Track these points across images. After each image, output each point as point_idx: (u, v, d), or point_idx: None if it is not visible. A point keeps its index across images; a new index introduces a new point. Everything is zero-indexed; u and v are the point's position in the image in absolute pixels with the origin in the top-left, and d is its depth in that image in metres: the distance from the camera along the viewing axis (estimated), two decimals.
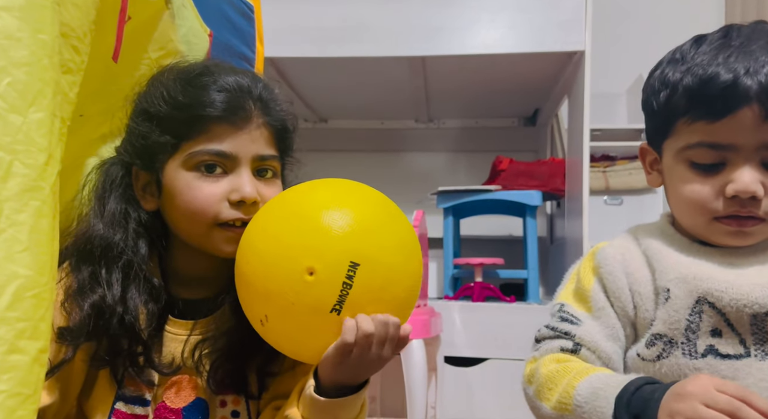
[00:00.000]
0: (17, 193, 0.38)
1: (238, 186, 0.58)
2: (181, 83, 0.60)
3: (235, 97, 0.59)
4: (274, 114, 0.62)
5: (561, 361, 0.58)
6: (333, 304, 0.52)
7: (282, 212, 0.56)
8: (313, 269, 0.51)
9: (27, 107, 0.39)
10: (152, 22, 0.65)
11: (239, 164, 0.59)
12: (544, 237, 1.99)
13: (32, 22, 0.40)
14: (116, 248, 0.58)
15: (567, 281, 0.66)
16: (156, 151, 0.59)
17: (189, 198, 0.58)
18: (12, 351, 0.36)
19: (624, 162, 2.01)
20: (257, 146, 0.60)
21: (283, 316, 0.53)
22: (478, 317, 1.47)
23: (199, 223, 0.58)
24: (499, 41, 1.52)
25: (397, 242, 0.56)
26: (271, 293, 0.53)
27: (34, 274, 0.38)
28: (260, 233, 0.56)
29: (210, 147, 0.58)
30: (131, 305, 0.57)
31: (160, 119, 0.59)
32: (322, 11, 1.55)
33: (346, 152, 2.22)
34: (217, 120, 0.58)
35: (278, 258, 0.53)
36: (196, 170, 0.58)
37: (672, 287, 0.57)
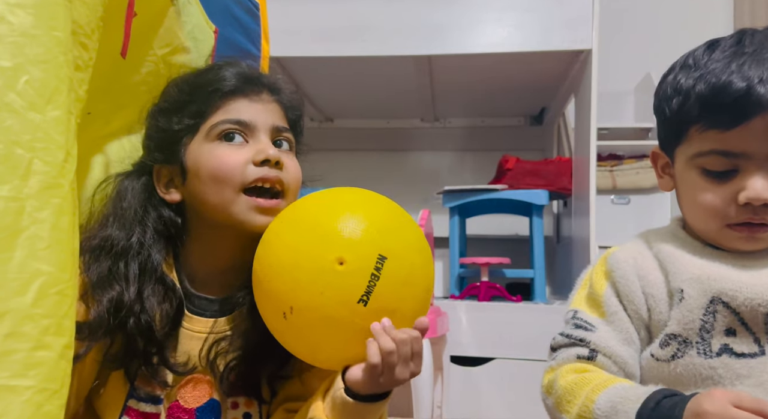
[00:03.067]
0: (38, 191, 0.38)
1: (260, 149, 0.60)
2: (193, 73, 0.65)
3: (247, 75, 0.63)
4: (282, 94, 0.66)
5: (579, 371, 0.58)
6: (361, 294, 0.53)
7: (307, 211, 0.58)
8: (344, 259, 0.53)
9: (45, 104, 0.39)
10: (158, 18, 0.65)
11: (258, 132, 0.61)
12: (550, 237, 1.98)
13: (47, 19, 0.40)
14: (133, 247, 0.59)
15: (579, 287, 0.66)
16: (177, 138, 0.61)
17: (215, 163, 0.59)
18: (38, 348, 0.37)
19: (631, 161, 2.00)
20: (273, 117, 0.63)
21: (311, 306, 0.53)
22: (484, 316, 1.47)
23: (227, 188, 0.59)
24: (505, 40, 1.52)
25: (417, 243, 0.58)
26: (300, 283, 0.54)
27: (56, 271, 0.38)
28: (288, 225, 0.57)
29: (229, 117, 0.61)
30: (148, 305, 0.57)
31: (177, 107, 0.62)
32: (328, 10, 1.55)
33: (352, 151, 2.22)
34: (231, 94, 0.61)
35: (309, 248, 0.54)
36: (219, 140, 0.60)
37: (686, 288, 0.57)
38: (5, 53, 0.38)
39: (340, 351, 0.55)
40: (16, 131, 0.38)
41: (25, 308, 0.37)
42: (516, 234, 2.01)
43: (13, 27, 0.38)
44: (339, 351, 0.55)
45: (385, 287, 0.54)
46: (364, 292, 0.53)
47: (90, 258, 0.58)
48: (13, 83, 0.38)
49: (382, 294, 0.54)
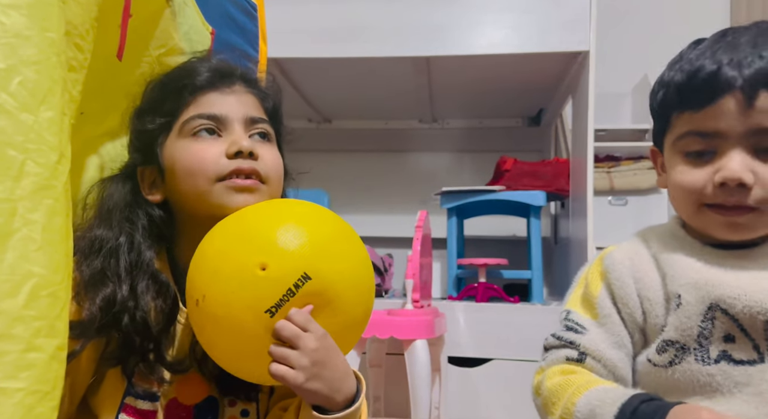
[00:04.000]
0: (30, 192, 0.38)
1: (233, 140, 0.60)
2: (166, 73, 0.65)
3: (219, 69, 0.63)
4: (256, 85, 0.65)
5: (565, 373, 0.58)
6: (270, 305, 0.51)
7: (256, 212, 0.57)
8: (266, 265, 0.52)
9: (38, 105, 0.39)
10: (153, 19, 0.65)
11: (231, 124, 0.61)
12: (548, 238, 1.98)
13: (40, 20, 0.40)
14: (126, 244, 0.59)
15: (576, 286, 0.66)
16: (153, 137, 0.61)
17: (188, 158, 0.59)
18: (29, 349, 0.37)
19: (629, 162, 2.00)
20: (246, 108, 0.62)
21: (220, 301, 0.52)
22: (481, 317, 1.47)
23: (202, 181, 0.59)
24: (503, 41, 1.52)
25: (355, 278, 0.56)
26: (218, 274, 0.53)
27: (48, 273, 0.38)
28: (233, 220, 0.57)
29: (201, 111, 0.61)
30: (142, 302, 0.57)
31: (152, 107, 0.62)
32: (327, 11, 1.55)
33: (350, 152, 2.22)
34: (202, 88, 0.61)
35: (239, 244, 0.54)
36: (192, 136, 0.60)
37: (683, 293, 0.56)
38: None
39: (235, 354, 0.54)
40: (9, 132, 0.38)
41: (17, 310, 0.36)
42: (514, 235, 2.02)
43: (6, 28, 0.38)
44: (234, 353, 0.54)
45: (297, 306, 0.52)
46: (275, 304, 0.51)
47: (81, 258, 0.58)
48: (6, 84, 0.38)
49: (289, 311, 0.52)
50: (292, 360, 0.51)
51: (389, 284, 1.81)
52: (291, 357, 0.51)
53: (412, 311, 1.28)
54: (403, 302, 1.33)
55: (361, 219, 2.13)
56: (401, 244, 1.93)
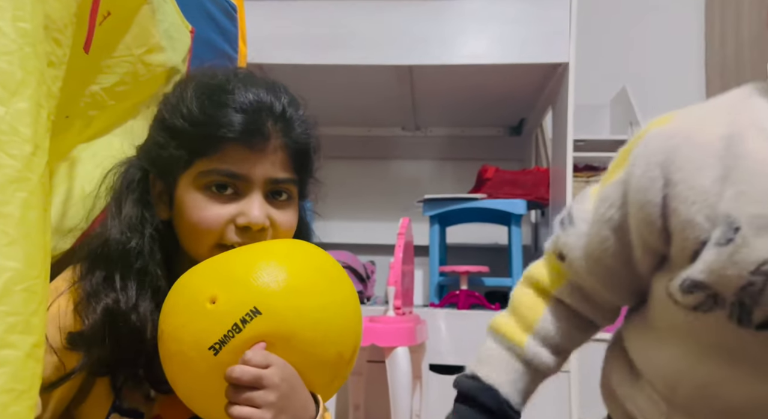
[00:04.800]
0: (2, 184, 0.37)
1: (246, 210, 0.56)
2: (200, 99, 0.58)
3: (253, 118, 0.57)
4: (294, 136, 0.60)
5: (531, 286, 0.58)
6: (214, 342, 0.48)
7: (231, 252, 0.56)
8: (216, 299, 0.49)
9: (9, 96, 0.38)
10: (132, 17, 0.64)
11: (251, 187, 0.57)
12: (528, 246, 2.00)
13: (10, 9, 0.39)
14: (132, 253, 0.57)
15: (616, 158, 0.50)
16: (171, 163, 0.58)
17: (196, 218, 0.57)
18: (3, 346, 0.35)
19: None
20: (272, 169, 0.58)
21: (172, 336, 0.51)
22: (463, 325, 1.47)
23: (203, 242, 0.57)
24: (485, 52, 1.54)
25: (321, 319, 0.53)
26: (173, 310, 0.52)
27: (23, 267, 0.37)
28: (207, 260, 0.56)
29: (222, 167, 0.56)
30: (143, 313, 0.56)
31: (176, 131, 0.58)
32: (311, 18, 1.55)
33: (333, 158, 2.20)
34: (232, 141, 0.56)
35: (196, 279, 0.53)
36: (206, 189, 0.57)
37: (745, 227, 0.38)
38: None
39: (189, 392, 0.52)
40: None
41: None
42: (495, 243, 2.03)
43: None
44: (188, 391, 0.52)
45: (243, 343, 0.48)
46: (218, 340, 0.48)
47: (87, 266, 0.57)
48: None
49: (237, 349, 0.48)
50: (256, 401, 0.49)
51: (371, 291, 1.81)
52: (255, 398, 0.49)
53: (393, 318, 1.28)
54: (384, 309, 1.33)
55: (344, 226, 2.13)
56: (383, 251, 1.93)
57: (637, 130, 0.50)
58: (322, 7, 1.55)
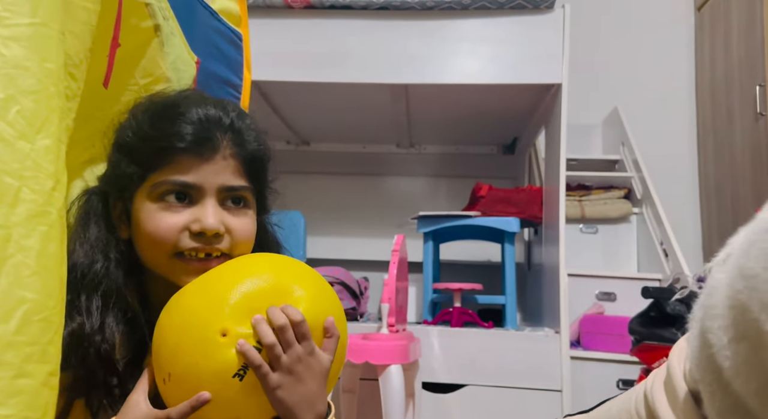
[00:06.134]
0: (25, 218, 0.38)
1: (200, 217, 0.57)
2: (150, 115, 0.60)
3: (202, 128, 0.58)
4: (245, 145, 0.61)
5: None
6: (237, 369, 0.50)
7: (216, 276, 0.56)
8: (227, 331, 0.51)
9: (35, 133, 0.40)
10: (141, 49, 0.66)
11: (204, 195, 0.58)
12: (521, 263, 2.01)
13: (39, 51, 0.41)
14: (97, 276, 0.57)
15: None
16: (125, 181, 0.59)
17: (151, 228, 0.57)
18: (19, 376, 0.36)
19: (599, 192, 2.07)
20: (224, 176, 0.59)
21: (186, 376, 0.51)
22: (456, 342, 1.48)
23: (160, 252, 0.58)
24: (479, 72, 1.57)
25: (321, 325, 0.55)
26: (180, 349, 0.52)
27: (41, 298, 0.38)
28: (189, 290, 0.56)
29: (174, 178, 0.57)
30: (108, 334, 0.56)
31: (129, 149, 0.59)
32: (308, 37, 1.58)
33: (328, 174, 2.24)
34: (182, 151, 0.58)
35: (198, 314, 0.53)
36: (160, 200, 0.58)
37: None
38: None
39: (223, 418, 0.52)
40: (6, 159, 0.38)
41: (8, 336, 0.36)
42: (488, 260, 2.04)
43: (6, 59, 0.39)
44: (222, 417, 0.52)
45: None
46: (242, 366, 0.50)
47: None
48: (5, 114, 0.39)
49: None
50: (278, 361, 0.51)
51: (364, 307, 1.81)
52: (274, 349, 0.51)
53: (387, 335, 1.28)
54: (378, 327, 1.33)
55: (338, 242, 2.14)
56: (377, 267, 1.94)
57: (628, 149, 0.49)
58: (318, 26, 1.57)
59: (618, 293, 1.76)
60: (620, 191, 2.06)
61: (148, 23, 0.66)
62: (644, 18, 2.49)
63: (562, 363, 1.40)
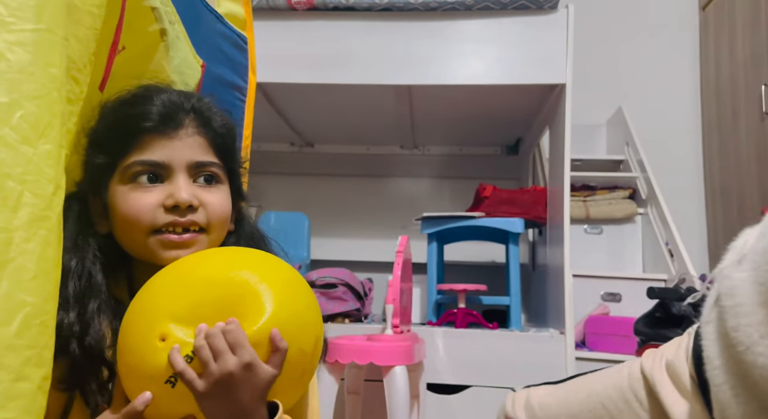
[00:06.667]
0: (26, 222, 0.38)
1: (173, 191, 0.59)
2: (114, 106, 0.61)
3: (165, 108, 0.60)
4: (209, 122, 0.63)
5: None
6: (169, 376, 0.50)
7: (173, 274, 0.55)
8: (166, 336, 0.51)
9: (37, 138, 0.40)
10: (148, 53, 0.67)
11: (173, 172, 0.60)
12: (526, 264, 2.01)
13: (43, 56, 0.41)
14: (72, 273, 0.57)
15: None
16: (98, 174, 0.60)
17: (125, 209, 0.58)
18: (19, 379, 0.37)
19: (604, 192, 2.06)
20: (192, 152, 0.61)
21: (128, 375, 0.52)
22: (460, 343, 1.47)
23: (137, 232, 0.58)
24: (483, 72, 1.56)
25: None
26: (125, 348, 0.52)
27: (40, 302, 0.39)
28: (148, 285, 0.55)
29: (142, 158, 0.59)
30: (92, 325, 0.56)
31: (97, 142, 0.60)
32: (311, 38, 1.58)
33: (332, 176, 2.24)
34: (147, 131, 0.59)
35: (141, 315, 0.53)
36: (131, 182, 0.59)
37: None
38: (2, 89, 0.39)
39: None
40: (9, 163, 0.38)
41: (9, 339, 0.37)
42: (493, 261, 2.04)
43: (11, 64, 0.40)
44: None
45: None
46: (173, 374, 0.50)
47: None
48: (8, 118, 0.39)
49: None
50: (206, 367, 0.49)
51: (369, 309, 1.81)
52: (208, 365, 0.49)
53: (391, 336, 1.28)
54: (382, 328, 1.33)
55: (342, 243, 2.14)
56: (381, 268, 1.94)
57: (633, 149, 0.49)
58: (321, 28, 1.58)
59: (623, 294, 1.76)
60: (625, 191, 2.06)
61: (154, 27, 0.66)
62: (648, 17, 2.48)
63: (567, 364, 1.39)
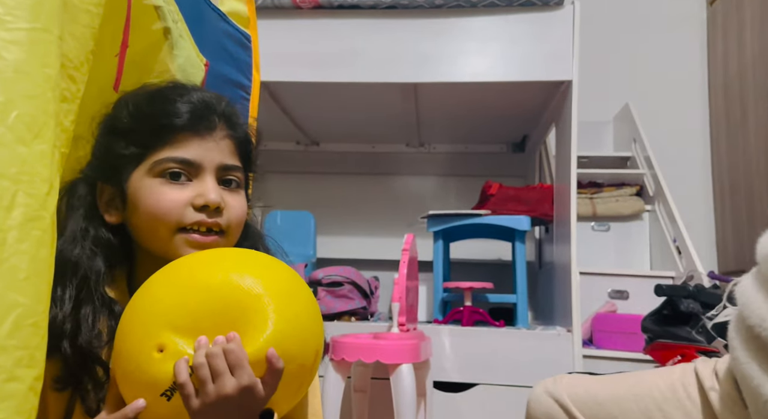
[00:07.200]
0: (20, 222, 0.38)
1: (202, 191, 0.59)
2: (147, 97, 0.62)
3: (200, 109, 0.61)
4: (237, 128, 0.65)
5: None
6: (165, 389, 0.48)
7: (174, 275, 0.54)
8: (164, 347, 0.49)
9: (32, 138, 0.40)
10: (151, 51, 0.67)
11: (203, 172, 0.61)
12: (532, 262, 2.00)
13: (39, 56, 0.41)
14: (72, 266, 0.57)
15: None
16: (121, 163, 0.60)
17: (153, 202, 0.59)
18: (10, 379, 0.37)
19: (611, 189, 2.04)
20: (222, 155, 0.62)
21: (124, 380, 0.51)
22: (467, 341, 1.47)
23: (163, 227, 0.59)
24: (489, 70, 1.56)
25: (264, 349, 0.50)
26: (121, 353, 0.51)
27: (32, 303, 0.39)
28: (147, 286, 0.54)
29: (175, 155, 0.60)
30: (85, 323, 0.55)
31: (125, 131, 0.61)
32: (317, 37, 1.58)
33: (338, 174, 2.24)
34: (181, 129, 0.60)
35: (139, 320, 0.51)
36: (161, 176, 0.59)
37: None
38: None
39: None
40: (4, 163, 0.38)
41: (1, 340, 0.36)
42: (499, 259, 2.03)
43: (7, 63, 0.39)
44: None
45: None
46: (169, 387, 0.48)
47: None
48: (4, 118, 0.39)
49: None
50: (204, 386, 0.48)
51: (375, 307, 1.81)
52: (205, 383, 0.48)
53: (398, 334, 1.28)
54: (388, 326, 1.33)
55: (348, 242, 2.14)
56: (387, 267, 1.94)
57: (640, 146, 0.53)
58: (327, 26, 1.57)
59: (631, 292, 1.74)
60: (632, 188, 2.04)
61: (157, 26, 0.66)
62: (655, 13, 2.46)
63: (574, 362, 1.39)
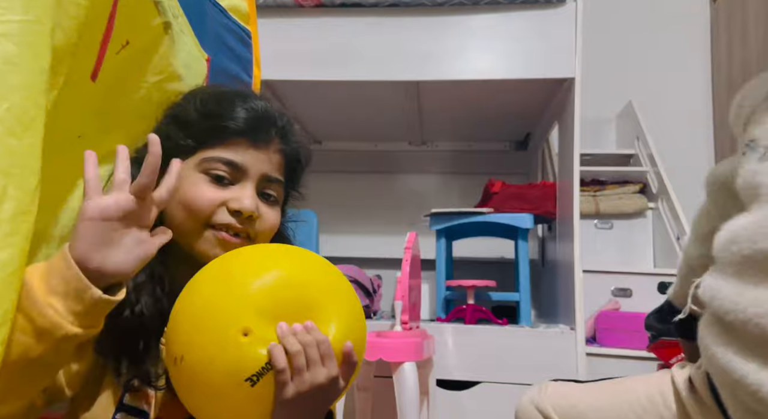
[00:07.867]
0: (11, 216, 0.38)
1: (239, 196, 0.61)
2: (216, 96, 0.65)
3: (260, 119, 0.64)
4: (290, 145, 0.66)
5: None
6: (251, 374, 0.48)
7: (241, 262, 0.54)
8: (249, 331, 0.48)
9: (23, 131, 0.40)
10: (151, 47, 0.67)
11: (246, 178, 0.62)
12: (535, 260, 2.00)
13: (30, 48, 0.41)
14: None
15: None
16: (175, 152, 0.61)
17: (191, 195, 0.60)
18: None
19: (614, 187, 2.04)
20: (269, 166, 0.64)
21: (198, 366, 0.49)
22: (470, 339, 1.47)
23: (194, 220, 0.60)
24: (491, 67, 1.55)
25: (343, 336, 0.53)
26: (196, 337, 0.49)
27: (17, 297, 0.39)
28: (215, 272, 0.53)
29: (225, 156, 0.62)
30: (142, 297, 0.57)
31: (186, 123, 0.63)
32: (319, 35, 1.58)
33: (340, 173, 2.24)
34: (239, 134, 0.62)
35: (222, 305, 0.50)
36: (206, 172, 0.61)
37: None
38: None
39: (214, 417, 0.51)
40: None
41: None
42: (502, 257, 2.03)
43: None
44: (213, 416, 0.51)
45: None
46: (256, 372, 0.48)
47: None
48: None
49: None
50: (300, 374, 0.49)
51: (378, 305, 1.81)
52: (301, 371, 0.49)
53: (400, 333, 1.28)
54: (391, 324, 1.33)
55: (351, 240, 2.14)
56: (390, 265, 1.94)
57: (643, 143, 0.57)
58: (329, 24, 1.57)
59: (634, 289, 1.74)
60: (635, 185, 2.04)
61: (157, 21, 0.66)
62: (658, 10, 2.45)
63: (577, 360, 1.38)
